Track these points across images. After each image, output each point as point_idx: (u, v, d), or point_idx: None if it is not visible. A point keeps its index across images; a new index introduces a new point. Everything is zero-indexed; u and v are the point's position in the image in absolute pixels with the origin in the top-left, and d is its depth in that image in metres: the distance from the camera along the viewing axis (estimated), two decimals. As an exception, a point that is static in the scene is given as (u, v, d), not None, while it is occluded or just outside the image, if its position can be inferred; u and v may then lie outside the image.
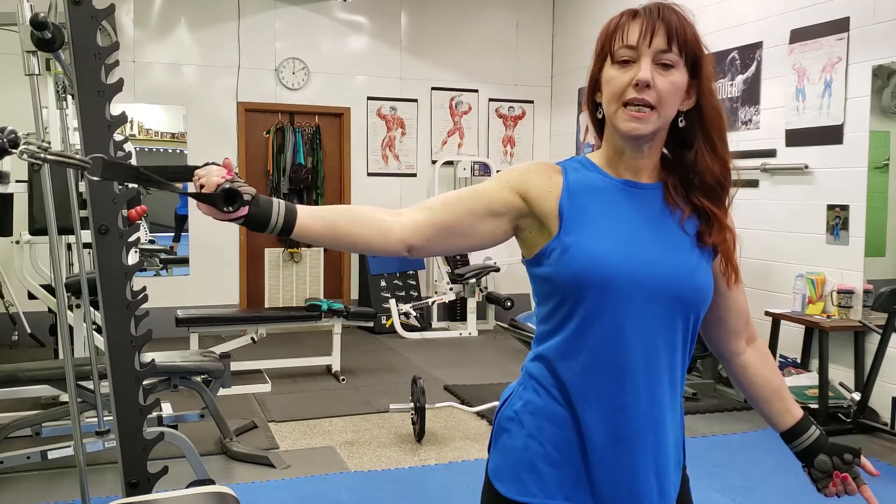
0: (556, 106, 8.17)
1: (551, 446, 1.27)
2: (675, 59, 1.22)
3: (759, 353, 1.45)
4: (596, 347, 1.24)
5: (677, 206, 1.28)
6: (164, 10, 7.01)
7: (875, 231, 4.66)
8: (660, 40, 1.21)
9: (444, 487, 3.62)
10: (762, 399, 1.46)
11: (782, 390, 1.46)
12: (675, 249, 1.26)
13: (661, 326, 1.25)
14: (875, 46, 4.51)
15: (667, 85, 1.21)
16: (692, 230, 1.29)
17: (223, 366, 3.93)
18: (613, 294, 1.22)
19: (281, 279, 7.58)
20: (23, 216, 4.65)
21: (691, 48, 1.23)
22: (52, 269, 3.72)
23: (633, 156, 1.28)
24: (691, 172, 1.28)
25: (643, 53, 1.21)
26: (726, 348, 1.44)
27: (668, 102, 1.22)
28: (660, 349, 1.25)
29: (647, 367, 1.24)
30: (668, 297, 1.24)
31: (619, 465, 1.25)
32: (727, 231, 1.29)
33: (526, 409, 1.31)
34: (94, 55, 2.12)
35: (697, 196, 1.28)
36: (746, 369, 1.45)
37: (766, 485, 3.65)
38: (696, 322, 1.29)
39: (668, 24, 1.22)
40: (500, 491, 1.30)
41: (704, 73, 1.25)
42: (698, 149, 1.27)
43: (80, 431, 2.44)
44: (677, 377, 1.30)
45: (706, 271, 1.29)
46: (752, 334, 1.45)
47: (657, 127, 1.23)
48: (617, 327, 1.23)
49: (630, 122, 1.22)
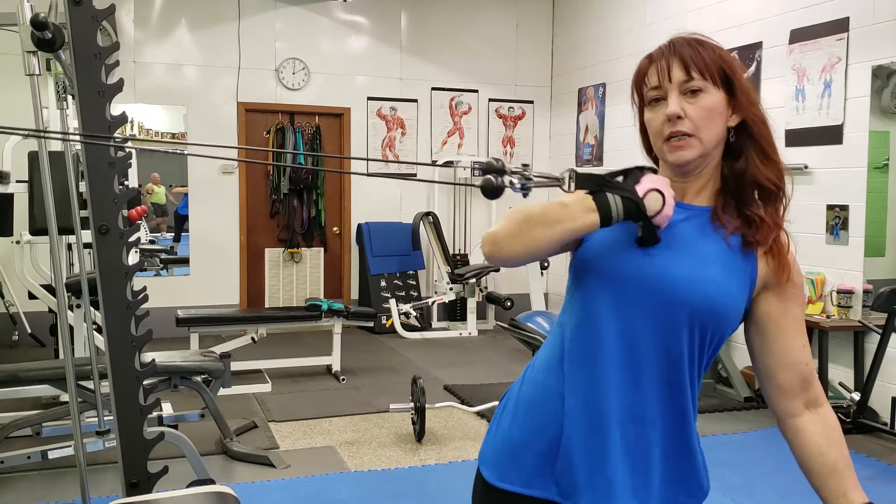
0: (555, 106, 8.17)
1: (535, 436, 1.31)
2: (700, 83, 1.25)
3: (822, 422, 1.31)
4: (586, 339, 1.28)
5: (722, 225, 1.29)
6: (164, 10, 7.01)
7: (875, 231, 4.66)
8: (677, 72, 1.25)
9: (444, 487, 3.62)
10: (815, 473, 1.30)
11: (840, 468, 1.28)
12: (702, 263, 1.26)
13: (663, 330, 1.25)
14: (875, 46, 4.51)
15: (698, 110, 1.25)
16: (736, 242, 1.28)
17: (223, 366, 3.93)
18: (616, 288, 1.26)
19: (281, 279, 7.58)
20: (23, 216, 4.64)
21: (715, 68, 1.26)
22: (53, 269, 3.72)
23: (680, 180, 1.31)
24: (745, 183, 1.29)
25: (668, 89, 1.26)
26: (777, 406, 1.34)
27: (705, 126, 1.25)
28: (654, 353, 1.25)
29: (636, 366, 1.26)
30: (674, 302, 1.24)
31: (598, 456, 1.26)
32: (777, 230, 1.28)
33: (518, 398, 1.38)
34: (95, 55, 2.12)
35: (751, 207, 1.29)
36: (799, 434, 1.31)
37: (766, 485, 3.65)
38: (705, 337, 1.27)
39: (681, 56, 1.26)
40: (485, 475, 1.37)
41: (739, 87, 1.27)
42: (748, 157, 1.29)
43: (81, 431, 2.44)
44: (681, 388, 1.28)
45: (728, 286, 1.26)
46: (814, 398, 1.32)
47: (701, 151, 1.26)
48: (613, 322, 1.26)
49: (673, 153, 1.27)
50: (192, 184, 7.17)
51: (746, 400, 4.98)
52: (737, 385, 5.07)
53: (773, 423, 5.00)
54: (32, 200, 4.12)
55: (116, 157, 2.20)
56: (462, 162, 7.63)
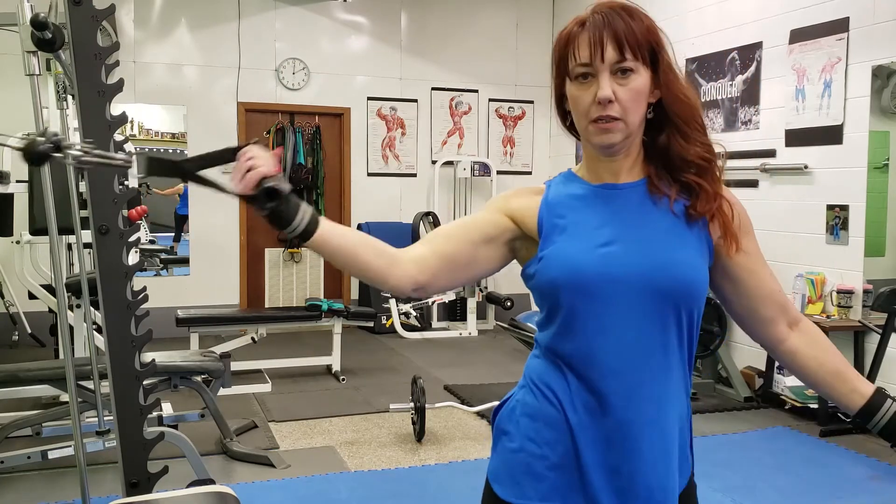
0: (556, 106, 8.16)
1: (548, 448, 1.27)
2: (631, 63, 1.21)
3: (806, 336, 1.35)
4: (581, 350, 1.25)
5: (662, 194, 1.27)
6: (164, 10, 7.01)
7: (875, 231, 4.66)
8: (611, 52, 1.20)
9: (444, 487, 3.62)
10: (822, 383, 1.35)
11: (842, 370, 1.34)
12: (660, 242, 1.25)
13: (651, 326, 1.23)
14: (875, 46, 4.51)
15: (628, 93, 1.21)
16: (680, 209, 1.27)
17: (223, 366, 3.93)
18: (593, 296, 1.23)
19: (281, 279, 7.58)
20: (23, 216, 4.65)
21: (646, 45, 1.22)
22: (53, 269, 3.73)
23: (609, 160, 1.28)
24: (670, 155, 1.27)
25: (599, 69, 1.21)
26: (766, 338, 1.36)
27: (633, 108, 1.22)
28: (650, 349, 1.24)
29: (636, 367, 1.24)
30: (652, 294, 1.22)
31: (613, 466, 1.24)
32: (718, 199, 1.27)
33: (523, 411, 1.32)
34: (95, 55, 2.12)
35: (682, 174, 1.27)
36: (795, 356, 1.35)
37: (765, 485, 3.65)
38: (690, 318, 1.27)
39: (616, 32, 1.20)
40: (498, 493, 1.31)
41: (662, 62, 1.24)
42: (669, 134, 1.26)
43: (81, 431, 2.44)
44: (677, 377, 1.28)
45: (695, 262, 1.26)
46: (794, 317, 1.36)
47: (627, 134, 1.24)
48: (600, 330, 1.23)
49: (600, 136, 1.23)
50: (192, 184, 7.15)
51: (746, 400, 4.97)
52: (737, 385, 5.07)
53: (773, 422, 5.01)
54: (32, 200, 4.12)
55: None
56: (462, 162, 7.64)
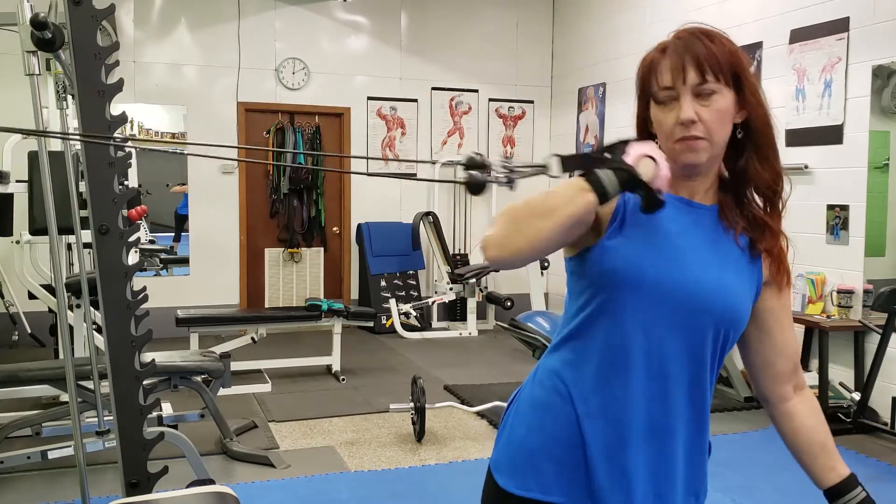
0: (556, 106, 8.17)
1: (552, 441, 1.27)
2: (714, 86, 1.22)
3: (808, 404, 1.39)
4: (616, 344, 1.24)
5: (731, 224, 1.29)
6: (164, 10, 7.01)
7: (875, 231, 4.66)
8: (692, 75, 1.22)
9: (444, 487, 3.62)
10: (806, 452, 1.37)
11: (828, 445, 1.37)
12: (720, 267, 1.26)
13: (689, 337, 1.24)
14: (875, 46, 4.51)
15: (712, 114, 1.23)
16: (745, 243, 1.29)
17: (223, 366, 3.93)
18: (644, 296, 1.22)
19: (281, 279, 7.58)
20: (23, 216, 4.64)
21: (728, 68, 1.24)
22: (53, 269, 3.72)
23: (687, 178, 1.29)
24: (744, 182, 1.29)
25: (682, 92, 1.23)
26: (772, 393, 1.39)
27: (717, 129, 1.24)
28: (681, 361, 1.25)
29: (664, 374, 1.24)
30: (699, 309, 1.23)
31: (620, 466, 1.24)
32: (780, 237, 1.31)
33: (530, 402, 1.33)
34: (94, 55, 2.12)
35: (751, 208, 1.30)
36: (792, 418, 1.38)
37: (766, 484, 3.65)
38: (725, 342, 1.28)
39: (697, 56, 1.22)
40: (499, 483, 1.31)
41: (747, 85, 1.25)
42: (748, 157, 1.28)
43: (81, 431, 2.44)
44: (701, 392, 1.28)
45: (746, 296, 1.28)
46: (801, 383, 1.40)
47: (713, 153, 1.25)
48: (639, 330, 1.23)
49: (685, 154, 1.24)
50: (192, 184, 7.17)
51: (746, 400, 4.97)
52: (737, 385, 5.07)
53: (773, 423, 4.94)
54: (32, 200, 4.12)
55: (116, 157, 2.20)
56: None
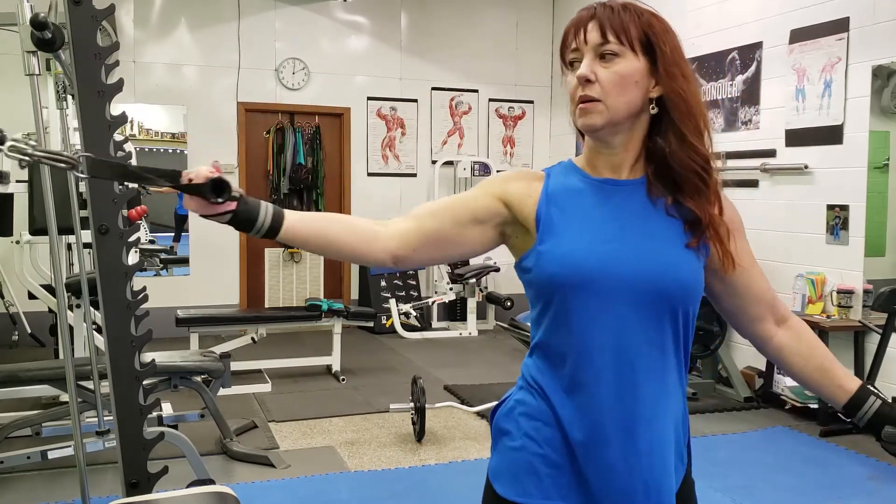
0: (556, 106, 8.17)
1: (548, 447, 1.27)
2: (616, 48, 1.20)
3: (793, 332, 1.38)
4: (576, 347, 1.24)
5: (660, 195, 1.26)
6: (164, 10, 7.01)
7: (875, 231, 4.66)
8: (594, 34, 1.21)
9: (444, 487, 3.62)
10: (808, 379, 1.38)
11: (827, 365, 1.37)
12: (659, 243, 1.24)
13: (647, 326, 1.23)
14: (875, 46, 4.51)
15: (609, 75, 1.20)
16: (680, 213, 1.26)
17: (223, 366, 3.93)
18: (593, 294, 1.22)
19: (281, 279, 7.58)
20: (23, 216, 4.65)
21: (637, 34, 1.21)
22: (53, 269, 3.73)
23: (607, 152, 1.27)
24: (667, 161, 1.25)
25: (584, 52, 1.22)
26: (755, 335, 1.39)
27: (614, 92, 1.21)
28: (644, 349, 1.23)
29: (631, 366, 1.23)
30: (651, 294, 1.22)
31: (608, 465, 1.24)
32: (712, 221, 1.25)
33: (521, 409, 1.31)
34: (94, 55, 2.12)
35: (676, 190, 1.26)
36: (781, 352, 1.38)
37: (765, 484, 3.65)
38: (686, 319, 1.26)
39: (601, 18, 1.22)
40: (499, 492, 1.30)
41: (662, 56, 1.22)
42: (666, 137, 1.24)
43: (80, 431, 2.44)
44: (673, 377, 1.27)
45: (692, 264, 1.25)
46: (782, 315, 1.39)
47: (609, 118, 1.22)
48: (597, 327, 1.22)
49: (580, 118, 1.23)
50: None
51: (746, 400, 4.97)
52: (737, 385, 5.07)
53: (773, 422, 5.01)
54: (32, 200, 4.12)
55: (116, 158, 2.20)
56: (462, 162, 7.64)
